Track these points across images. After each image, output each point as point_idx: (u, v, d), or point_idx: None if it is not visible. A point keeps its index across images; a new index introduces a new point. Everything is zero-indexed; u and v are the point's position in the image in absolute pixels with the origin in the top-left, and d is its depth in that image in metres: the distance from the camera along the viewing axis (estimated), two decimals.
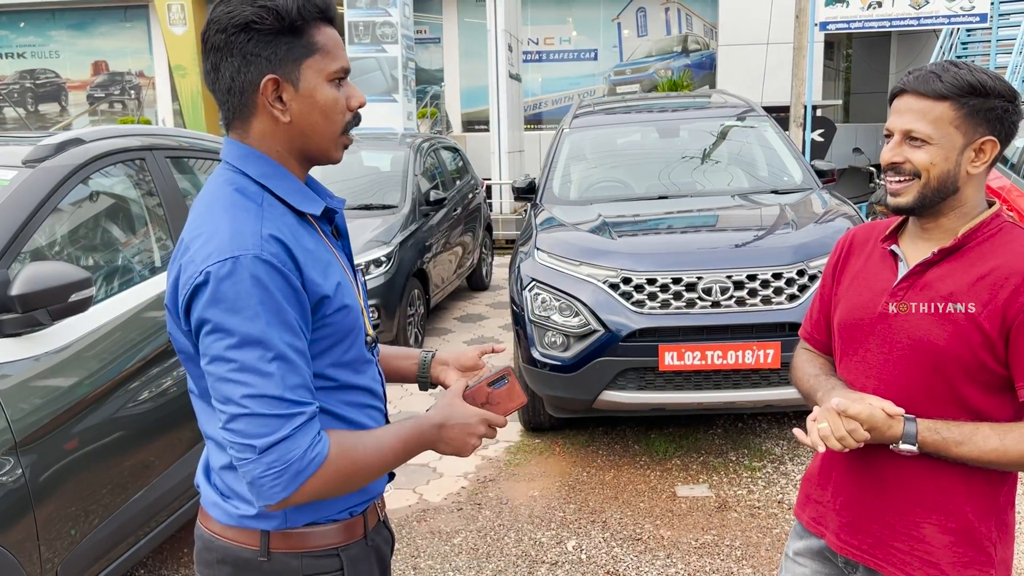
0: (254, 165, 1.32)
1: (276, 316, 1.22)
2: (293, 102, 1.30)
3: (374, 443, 1.34)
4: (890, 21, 9.91)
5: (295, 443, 1.22)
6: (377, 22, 12.75)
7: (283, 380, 1.22)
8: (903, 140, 1.50)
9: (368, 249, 6.00)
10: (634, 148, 5.85)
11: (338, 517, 1.40)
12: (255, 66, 1.28)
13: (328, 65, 1.32)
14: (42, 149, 2.72)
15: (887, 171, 1.54)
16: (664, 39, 15.95)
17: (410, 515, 3.84)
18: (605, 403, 4.07)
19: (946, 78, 1.47)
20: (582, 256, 4.24)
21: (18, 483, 2.23)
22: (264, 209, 1.29)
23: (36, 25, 17.29)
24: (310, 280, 1.28)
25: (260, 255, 1.22)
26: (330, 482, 1.27)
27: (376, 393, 1.46)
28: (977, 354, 1.46)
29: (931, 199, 1.50)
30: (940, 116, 1.47)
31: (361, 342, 1.40)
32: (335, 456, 1.27)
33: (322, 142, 1.35)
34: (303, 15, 1.28)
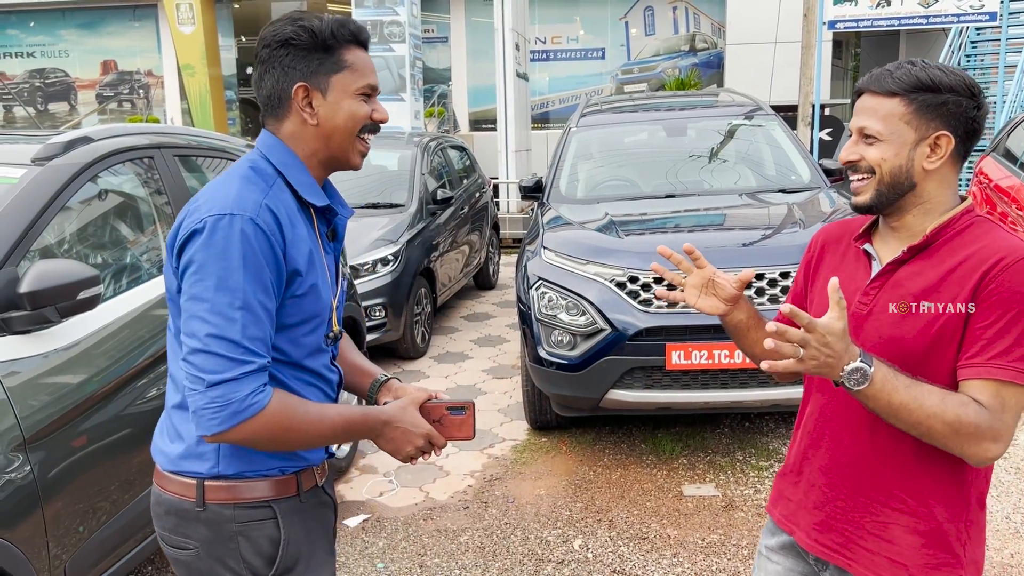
0: (278, 154, 1.53)
1: (254, 272, 1.39)
2: (321, 108, 1.51)
3: (316, 413, 1.48)
4: (899, 20, 9.87)
5: (240, 386, 1.37)
6: (385, 21, 12.76)
7: (244, 329, 1.38)
8: (859, 138, 1.52)
9: (375, 248, 6.00)
10: (641, 147, 5.85)
11: (268, 473, 1.53)
12: (290, 77, 1.50)
13: (355, 81, 1.52)
14: (51, 147, 2.73)
15: (848, 171, 1.55)
16: (672, 38, 15.92)
17: (416, 513, 3.84)
18: (612, 402, 4.07)
19: (897, 75, 1.48)
20: (589, 255, 4.23)
21: (27, 480, 2.24)
22: (272, 189, 1.48)
23: (46, 24, 17.36)
24: (290, 255, 1.45)
25: (255, 218, 1.40)
26: (264, 431, 1.41)
27: (326, 379, 1.61)
28: (948, 345, 1.45)
29: (888, 196, 1.50)
30: (890, 112, 1.48)
31: (321, 333, 1.56)
32: (274, 410, 1.41)
33: (341, 142, 1.54)
34: (336, 37, 1.50)
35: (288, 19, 1.52)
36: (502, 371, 5.89)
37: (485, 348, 6.50)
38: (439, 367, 6.06)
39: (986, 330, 1.41)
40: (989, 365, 1.40)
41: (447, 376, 5.84)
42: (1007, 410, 1.40)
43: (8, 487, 2.19)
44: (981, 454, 1.40)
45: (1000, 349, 1.40)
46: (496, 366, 6.02)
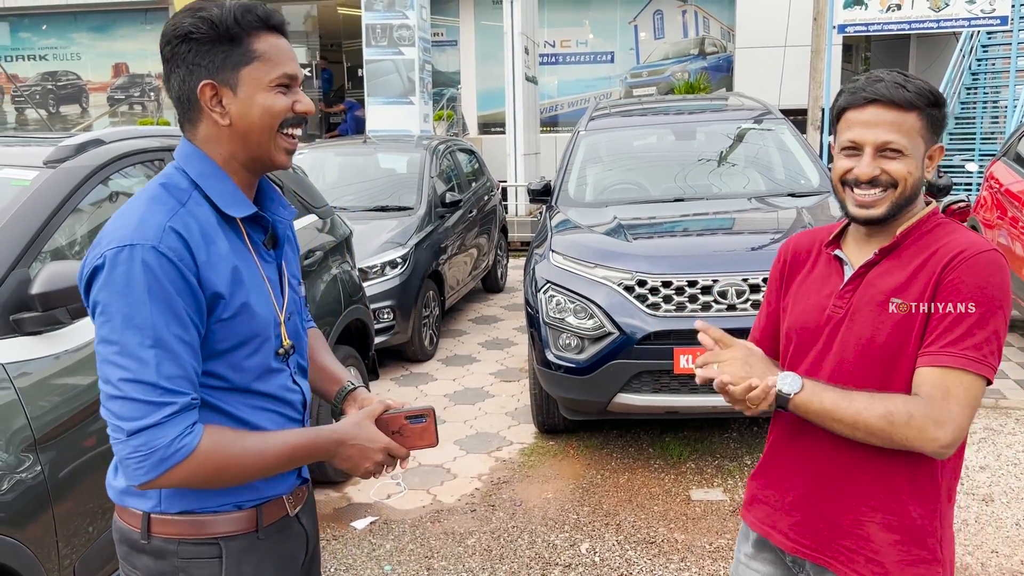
0: (195, 164, 1.41)
1: (162, 305, 1.29)
2: (232, 106, 1.38)
3: (256, 444, 1.38)
4: (909, 24, 9.84)
5: (163, 431, 1.28)
6: (394, 25, 12.79)
7: (159, 368, 1.28)
8: (877, 153, 1.50)
9: (384, 250, 6.02)
10: (650, 150, 5.84)
11: (220, 509, 1.43)
12: (195, 74, 1.37)
13: (268, 72, 1.38)
14: (63, 150, 2.75)
15: (859, 185, 1.52)
16: (681, 42, 15.90)
17: (424, 516, 3.85)
18: (619, 406, 4.07)
19: (911, 87, 1.48)
20: (597, 258, 4.23)
21: (37, 480, 2.26)
22: (184, 207, 1.36)
23: (58, 28, 17.47)
24: (207, 280, 1.34)
25: (157, 246, 1.29)
26: (197, 474, 1.32)
27: (285, 400, 1.50)
28: (915, 338, 1.48)
29: (901, 207, 1.52)
30: (912, 126, 1.49)
31: (268, 351, 1.44)
32: (205, 450, 1.31)
33: (259, 140, 1.41)
34: (241, 25, 1.36)
35: (188, 10, 1.38)
36: (510, 374, 5.89)
37: (493, 351, 6.50)
38: (447, 370, 6.07)
39: (942, 320, 1.45)
40: (940, 353, 1.44)
41: (455, 379, 5.84)
42: (951, 397, 1.42)
43: (19, 487, 2.20)
44: (930, 443, 1.42)
45: (953, 338, 1.44)
46: (504, 369, 6.02)
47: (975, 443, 4.41)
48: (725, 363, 1.50)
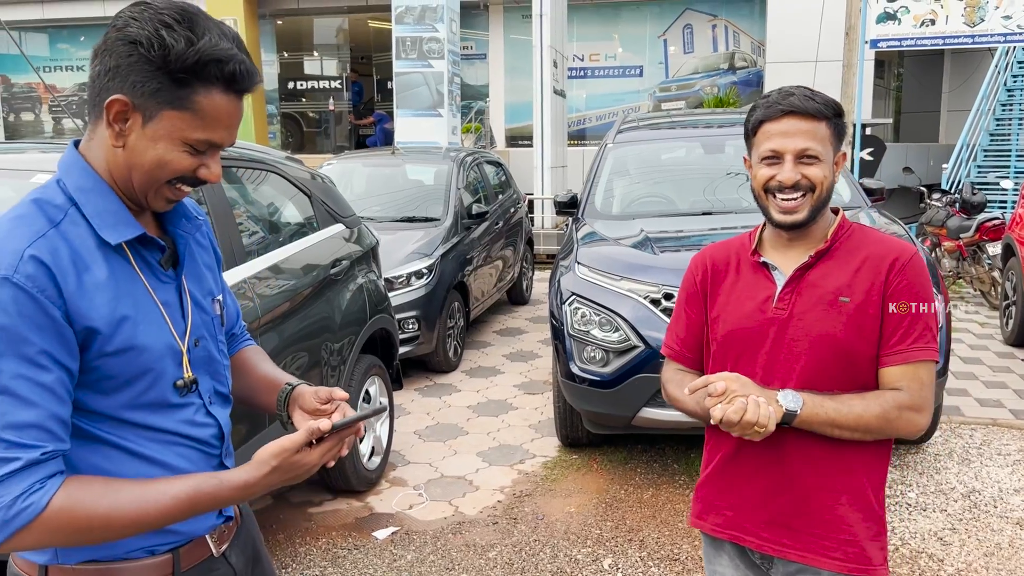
0: (75, 177, 1.25)
1: (11, 346, 1.12)
2: (132, 134, 1.22)
3: (133, 501, 1.19)
4: (943, 39, 9.72)
5: (4, 489, 1.11)
6: (424, 38, 12.89)
7: (3, 418, 1.12)
8: (797, 160, 1.63)
9: (409, 261, 6.03)
10: (678, 164, 5.81)
11: (130, 556, 1.28)
12: (119, 79, 1.19)
13: (193, 130, 1.22)
14: None
15: (780, 191, 1.64)
16: (711, 56, 15.85)
17: (445, 527, 3.82)
18: (644, 420, 4.02)
19: (819, 99, 1.64)
20: (623, 271, 4.20)
21: None
22: (57, 227, 1.20)
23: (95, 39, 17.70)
24: (77, 313, 1.17)
25: (10, 277, 1.13)
26: (54, 535, 1.15)
27: (192, 437, 1.34)
28: (867, 337, 1.63)
29: (819, 210, 1.66)
30: (824, 134, 1.64)
31: (164, 387, 1.29)
32: (59, 509, 1.13)
33: (142, 185, 1.25)
34: (197, 73, 1.19)
35: (155, 19, 1.18)
36: (534, 387, 5.87)
37: (517, 363, 6.48)
38: (471, 381, 6.05)
39: (900, 322, 1.61)
40: (910, 350, 1.61)
41: (478, 390, 5.82)
42: (924, 385, 1.62)
43: None
44: (913, 428, 1.62)
45: (916, 335, 1.61)
46: (528, 381, 6.00)
47: (1009, 465, 4.31)
48: (728, 396, 1.55)
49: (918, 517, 3.79)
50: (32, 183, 2.71)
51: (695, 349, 1.83)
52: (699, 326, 1.81)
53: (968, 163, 12.22)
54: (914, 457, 4.44)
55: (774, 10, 13.93)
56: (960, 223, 8.26)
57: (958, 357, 6.30)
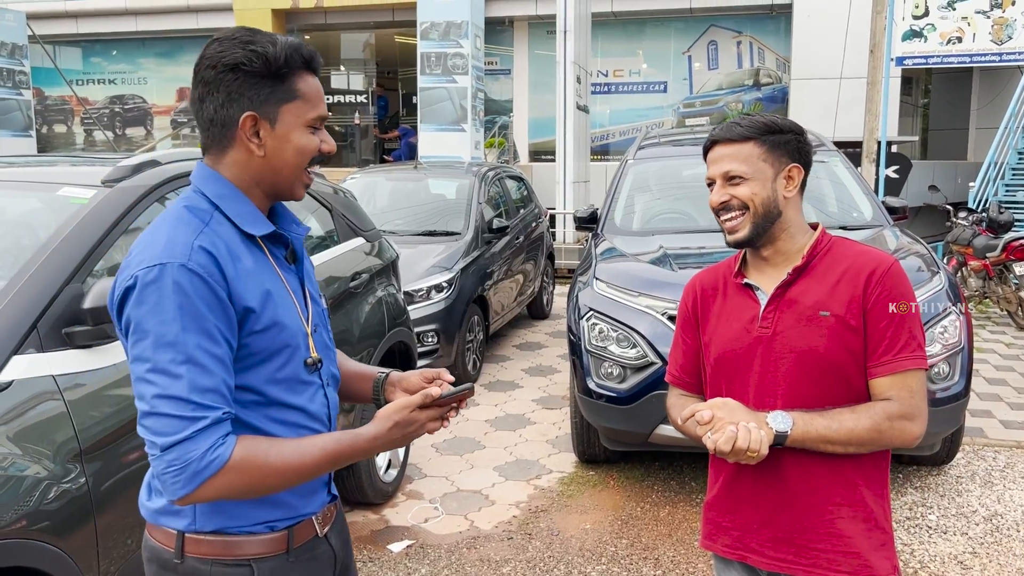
0: (213, 186, 1.44)
1: (193, 321, 1.31)
2: (268, 139, 1.43)
3: (292, 451, 1.39)
4: (970, 57, 9.66)
5: (195, 444, 1.30)
6: (448, 53, 13.01)
7: (191, 383, 1.30)
8: (724, 183, 1.71)
9: (429, 274, 6.07)
10: (699, 180, 5.78)
11: (254, 530, 1.45)
12: (238, 103, 1.40)
13: (306, 112, 1.44)
14: (120, 170, 2.84)
15: (719, 213, 1.73)
16: (735, 72, 15.84)
17: (460, 541, 3.83)
18: (661, 438, 4.01)
19: (744, 123, 1.72)
20: (641, 287, 4.20)
21: (81, 490, 2.31)
22: (208, 226, 1.39)
23: (127, 53, 18.15)
24: (237, 295, 1.37)
25: (187, 264, 1.32)
26: (234, 484, 1.34)
27: (312, 414, 1.51)
28: (852, 349, 1.65)
29: (762, 227, 1.71)
30: (748, 154, 1.70)
31: (298, 362, 1.47)
32: (239, 460, 1.33)
33: (289, 176, 1.46)
34: (289, 64, 1.41)
35: (237, 40, 1.41)
36: (552, 402, 5.87)
37: (536, 378, 6.48)
38: (489, 395, 6.06)
39: (884, 332, 1.64)
40: (896, 361, 1.63)
41: (496, 404, 5.83)
42: (915, 394, 1.63)
43: (64, 496, 2.25)
44: (908, 438, 1.63)
45: (901, 345, 1.64)
46: (546, 396, 6.00)
47: None
48: (715, 424, 1.58)
49: (938, 540, 3.74)
50: (59, 195, 2.78)
51: (694, 374, 1.86)
52: (695, 351, 1.85)
53: (996, 181, 12.08)
54: (935, 479, 4.38)
55: (799, 27, 13.90)
56: (987, 242, 8.16)
57: (983, 378, 6.22)
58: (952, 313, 3.97)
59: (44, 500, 2.18)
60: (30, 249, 2.56)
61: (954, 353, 3.91)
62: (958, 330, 3.96)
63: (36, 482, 2.18)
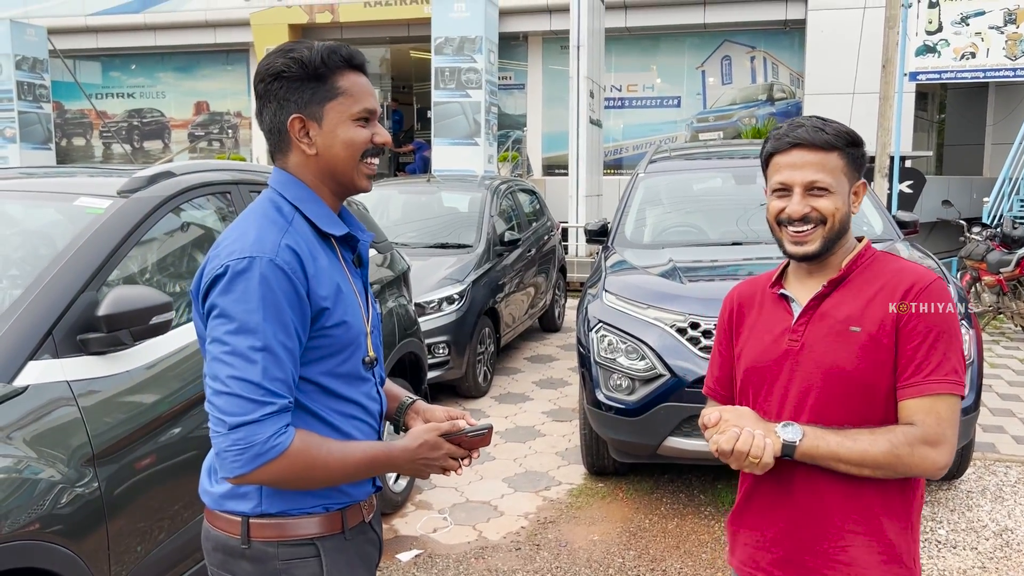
0: (292, 190, 1.55)
1: (274, 314, 1.41)
2: (318, 138, 1.52)
3: (339, 452, 1.49)
4: (984, 72, 9.64)
5: (262, 428, 1.39)
6: (462, 68, 13.10)
7: (265, 370, 1.39)
8: (804, 191, 1.61)
9: (441, 286, 6.10)
10: (709, 194, 5.82)
11: (312, 511, 1.53)
12: (286, 109, 1.51)
13: (350, 107, 1.53)
14: (135, 181, 2.90)
15: (790, 223, 1.62)
16: (749, 87, 15.84)
17: (468, 552, 3.84)
18: (669, 450, 4.02)
19: (829, 130, 1.60)
20: (650, 299, 4.22)
21: (94, 495, 2.35)
22: (291, 226, 1.49)
23: (146, 68, 18.38)
24: (315, 292, 1.47)
25: (275, 259, 1.42)
26: (287, 472, 1.42)
27: (368, 409, 1.61)
28: (885, 369, 1.56)
29: (832, 242, 1.62)
30: (835, 165, 1.61)
31: (357, 359, 1.56)
32: (296, 450, 1.42)
33: (344, 168, 1.55)
34: (327, 64, 1.50)
35: (280, 51, 1.53)
36: (562, 414, 5.88)
37: (546, 390, 6.50)
38: (500, 407, 6.08)
39: (916, 351, 1.54)
40: (926, 383, 1.54)
41: (507, 416, 5.85)
42: (942, 421, 1.53)
43: (77, 500, 2.29)
44: (930, 465, 1.53)
45: (932, 367, 1.54)
46: (557, 409, 6.01)
47: None
48: (721, 426, 1.56)
49: (948, 555, 3.72)
50: (75, 206, 2.83)
51: (729, 387, 1.81)
52: (730, 363, 1.80)
53: (1010, 197, 12.02)
54: (946, 494, 4.36)
55: (813, 42, 13.91)
56: (1000, 257, 8.12)
57: (996, 393, 6.18)
58: (962, 327, 3.96)
59: (57, 503, 2.22)
60: (47, 258, 2.62)
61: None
62: (968, 345, 3.95)
63: (50, 485, 2.22)
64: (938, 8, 9.51)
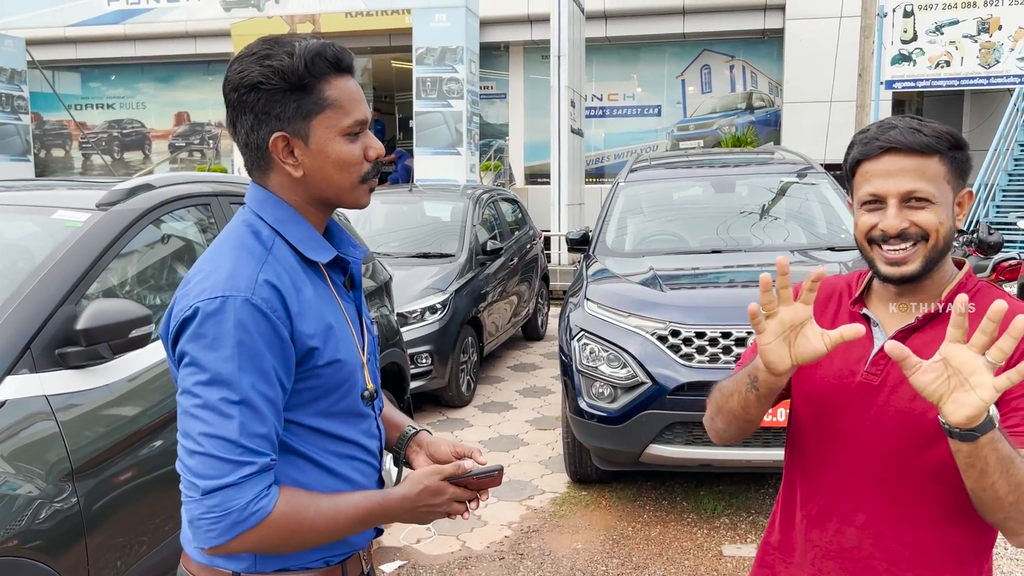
0: (271, 211, 1.35)
1: (251, 361, 1.23)
2: (305, 157, 1.32)
3: (329, 509, 1.31)
4: (959, 80, 9.79)
5: (240, 492, 1.21)
6: (444, 78, 13.13)
7: (243, 426, 1.22)
8: (902, 204, 1.36)
9: (424, 296, 6.11)
10: (689, 202, 5.87)
11: (312, 566, 1.37)
12: (266, 124, 1.31)
13: (340, 120, 1.32)
14: (114, 193, 2.88)
15: (884, 241, 1.37)
16: (728, 96, 15.99)
17: (452, 562, 3.84)
18: (652, 457, 4.04)
19: (927, 131, 1.36)
20: (631, 307, 4.25)
21: (73, 510, 2.33)
22: (271, 254, 1.31)
23: (126, 78, 18.30)
24: (300, 332, 1.28)
25: (250, 298, 1.24)
26: (271, 538, 1.26)
27: (367, 448, 1.44)
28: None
29: (935, 261, 1.38)
30: (936, 172, 1.36)
31: (355, 396, 1.39)
32: (280, 514, 1.25)
33: (339, 192, 1.36)
34: (312, 72, 1.29)
35: (256, 56, 1.30)
36: (546, 422, 5.89)
37: (530, 399, 6.51)
38: (483, 416, 6.08)
39: (1022, 400, 1.29)
40: None
41: (490, 425, 5.85)
42: None
43: (56, 516, 2.27)
44: None
45: None
46: (540, 417, 6.02)
47: None
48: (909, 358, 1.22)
49: None
50: (54, 219, 2.82)
51: None
52: None
53: (986, 203, 12.19)
54: None
55: (791, 51, 14.07)
56: (977, 263, 8.23)
57: None
58: None
59: (36, 519, 2.20)
60: (25, 271, 2.60)
61: None
62: None
63: (28, 501, 2.20)
64: (913, 18, 9.66)
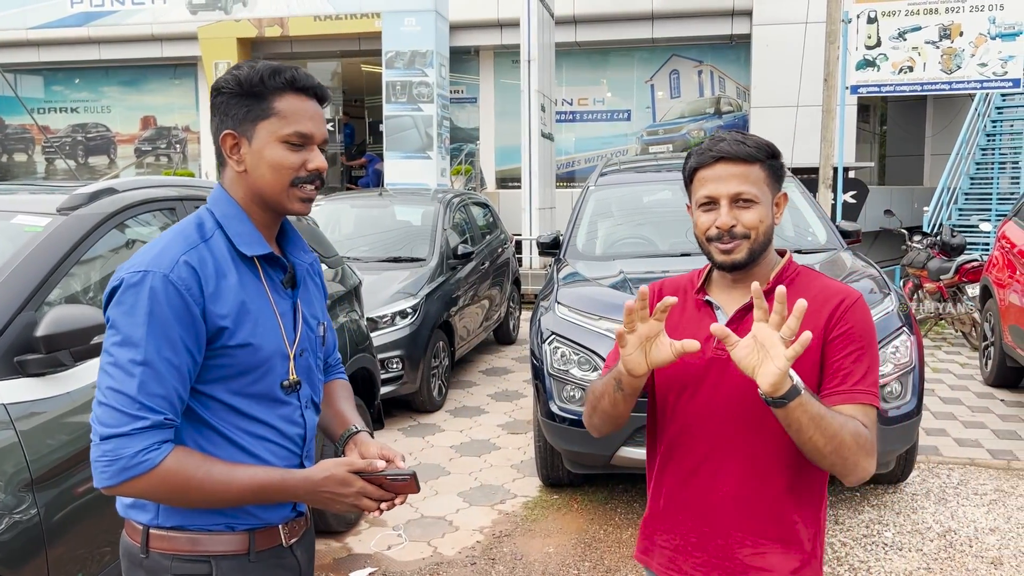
0: (221, 206, 1.55)
1: (160, 329, 1.40)
2: (247, 155, 1.52)
3: (222, 475, 1.45)
4: (921, 85, 9.94)
5: (131, 442, 1.38)
6: (414, 82, 13.10)
7: (142, 385, 1.39)
8: (730, 204, 1.62)
9: (394, 300, 6.07)
10: (659, 206, 5.90)
11: (213, 528, 1.51)
12: (223, 123, 1.52)
13: (281, 128, 1.50)
14: (76, 198, 2.84)
15: (716, 238, 1.62)
16: (697, 100, 16.11)
17: (423, 568, 3.82)
18: (623, 459, 4.04)
19: (750, 143, 1.63)
20: (602, 311, 4.26)
21: (32, 521, 2.28)
22: (206, 243, 1.50)
23: (90, 82, 18.01)
24: (211, 312, 1.45)
25: (168, 275, 1.42)
26: (157, 489, 1.41)
27: (285, 433, 1.57)
28: (808, 384, 1.53)
29: (759, 252, 1.65)
30: (758, 177, 1.63)
31: (271, 382, 1.54)
32: (166, 469, 1.40)
33: (272, 192, 1.53)
34: (265, 84, 1.49)
35: (233, 66, 1.55)
36: (518, 426, 5.88)
37: (502, 403, 6.49)
38: (455, 421, 6.06)
39: (843, 362, 1.58)
40: (855, 391, 1.56)
41: (462, 430, 5.83)
42: (872, 430, 1.56)
43: (15, 527, 2.22)
44: (862, 472, 1.54)
45: (858, 377, 1.57)
46: (512, 421, 6.01)
47: (985, 504, 4.33)
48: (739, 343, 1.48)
49: (894, 556, 3.80)
50: (13, 224, 2.76)
51: None
52: None
53: (949, 206, 12.40)
54: (891, 496, 4.46)
55: (758, 56, 14.21)
56: (940, 265, 8.37)
57: (938, 397, 6.35)
58: (903, 333, 4.07)
59: None
60: None
61: (905, 372, 4.00)
62: (909, 350, 4.06)
63: None
64: (876, 24, 9.80)
